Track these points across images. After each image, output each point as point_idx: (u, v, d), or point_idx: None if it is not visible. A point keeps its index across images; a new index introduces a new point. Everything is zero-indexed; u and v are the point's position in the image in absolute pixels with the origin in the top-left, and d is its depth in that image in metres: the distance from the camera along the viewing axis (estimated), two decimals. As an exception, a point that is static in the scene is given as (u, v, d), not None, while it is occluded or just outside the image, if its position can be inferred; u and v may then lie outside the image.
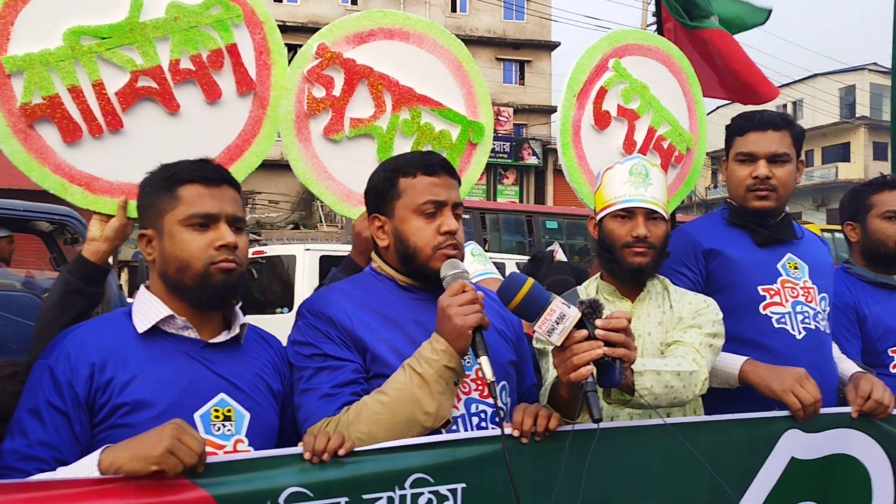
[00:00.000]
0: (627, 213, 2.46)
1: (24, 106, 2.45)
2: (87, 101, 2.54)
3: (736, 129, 2.80)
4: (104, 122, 2.57)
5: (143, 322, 1.87)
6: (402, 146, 2.95)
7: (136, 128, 2.61)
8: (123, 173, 2.56)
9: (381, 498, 1.76)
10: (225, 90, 2.73)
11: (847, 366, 2.75)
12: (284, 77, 2.83)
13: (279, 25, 2.90)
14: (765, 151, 2.71)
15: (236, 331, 1.96)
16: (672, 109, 3.55)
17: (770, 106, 3.99)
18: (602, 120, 3.39)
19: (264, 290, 10.80)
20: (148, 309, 1.88)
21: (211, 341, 1.92)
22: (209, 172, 1.94)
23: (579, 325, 1.79)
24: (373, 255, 2.22)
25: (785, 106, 42.16)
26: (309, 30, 32.54)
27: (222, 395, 1.87)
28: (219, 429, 1.83)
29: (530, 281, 1.84)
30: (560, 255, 4.65)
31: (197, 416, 1.81)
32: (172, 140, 2.63)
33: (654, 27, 4.26)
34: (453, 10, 35.40)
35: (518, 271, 2.00)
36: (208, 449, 1.68)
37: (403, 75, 2.98)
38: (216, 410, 1.84)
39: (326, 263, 9.72)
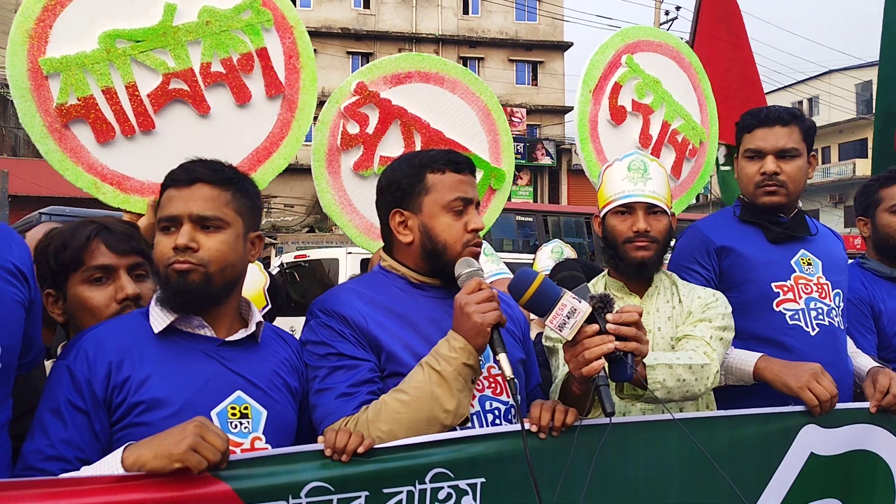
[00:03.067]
0: (627, 209, 2.47)
1: (60, 106, 2.53)
2: (121, 103, 2.62)
3: (744, 126, 2.81)
4: (136, 122, 2.64)
5: (158, 322, 1.87)
6: None
7: (167, 129, 2.69)
8: (154, 173, 2.61)
9: (401, 492, 1.78)
10: (254, 93, 2.80)
11: (863, 361, 2.75)
12: (314, 80, 2.90)
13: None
14: (772, 147, 2.71)
15: (252, 328, 1.96)
16: (684, 104, 3.63)
17: (786, 102, 4.05)
18: (618, 115, 3.48)
19: (306, 292, 10.90)
20: (163, 309, 1.89)
21: (227, 339, 1.91)
22: (183, 173, 1.91)
23: (590, 319, 1.81)
24: (382, 253, 2.22)
25: (801, 102, 41.83)
26: (322, 34, 32.66)
27: (239, 393, 1.87)
28: (236, 426, 1.83)
29: (541, 276, 1.85)
30: (567, 253, 4.68)
31: (214, 413, 1.81)
32: (202, 141, 2.69)
33: (667, 26, 4.34)
34: (465, 11, 35.39)
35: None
36: None
37: (434, 118, 3.11)
38: (233, 408, 1.84)
39: (368, 267, 9.89)
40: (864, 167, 37.63)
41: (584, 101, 3.42)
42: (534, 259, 4.84)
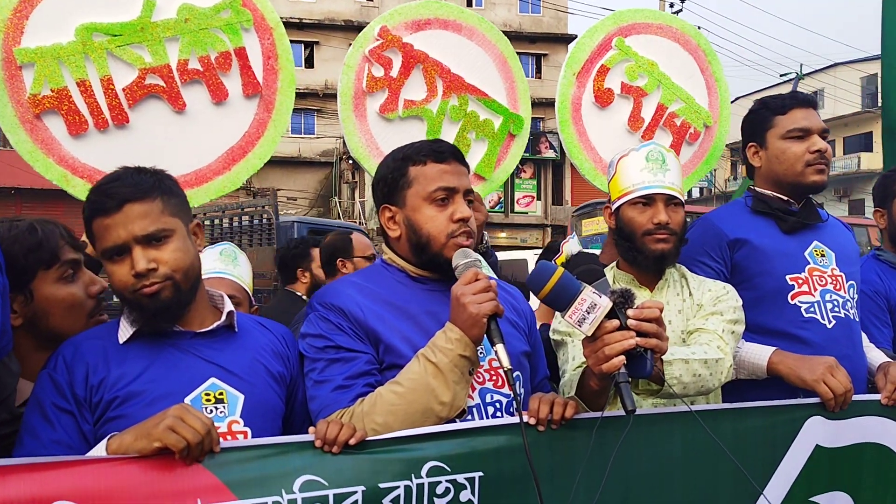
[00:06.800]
0: (647, 200, 2.42)
1: (33, 97, 2.53)
2: (95, 96, 2.61)
3: (775, 108, 2.75)
4: (110, 116, 2.64)
5: (124, 333, 1.90)
6: (450, 130, 3.13)
7: (141, 124, 2.68)
8: None
9: (398, 487, 1.75)
10: (231, 92, 2.81)
11: (876, 355, 2.72)
12: (292, 82, 2.92)
13: (296, 22, 2.98)
14: (817, 126, 2.68)
15: (223, 319, 1.97)
16: (686, 86, 3.59)
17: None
18: (603, 97, 3.47)
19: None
20: (128, 321, 1.92)
21: (199, 331, 1.94)
22: (108, 199, 1.85)
23: (610, 314, 1.77)
24: (383, 247, 2.20)
25: (806, 96, 41.56)
26: (325, 26, 32.60)
27: (213, 380, 1.88)
28: (211, 411, 1.84)
29: (560, 270, 1.81)
30: (569, 248, 4.61)
31: (187, 400, 1.83)
32: (177, 138, 2.72)
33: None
34: (469, 4, 35.26)
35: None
36: None
37: (454, 64, 3.19)
38: (207, 394, 1.86)
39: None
40: (868, 161, 37.51)
41: (566, 83, 3.45)
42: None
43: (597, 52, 3.46)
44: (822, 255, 2.67)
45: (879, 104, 4.53)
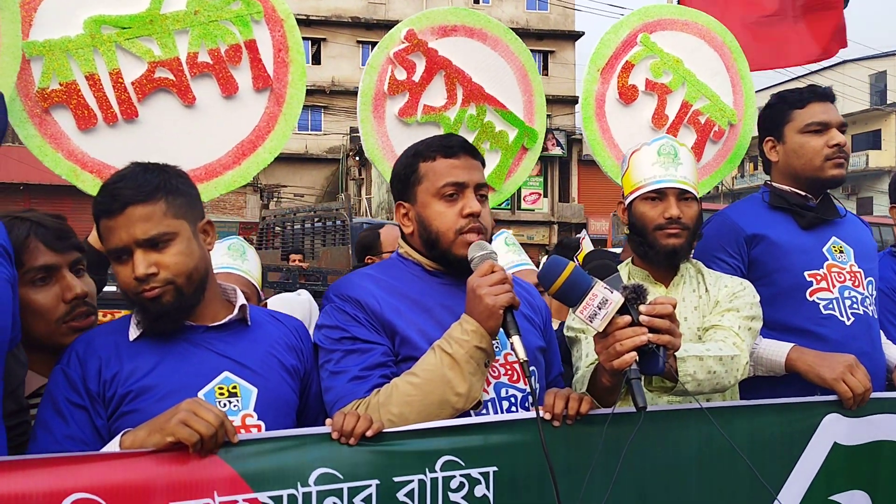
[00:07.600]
0: (658, 195, 2.38)
1: (41, 91, 2.51)
2: (104, 89, 2.59)
3: (793, 101, 2.72)
4: (119, 110, 2.61)
5: (134, 329, 1.89)
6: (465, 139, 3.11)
7: (150, 118, 2.66)
8: None
9: (412, 481, 1.74)
10: (241, 85, 2.78)
11: (893, 352, 2.70)
12: (303, 75, 2.89)
13: (302, 19, 2.95)
14: (836, 120, 2.66)
15: (235, 312, 1.96)
16: (711, 84, 3.56)
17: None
18: (627, 94, 3.45)
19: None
20: (136, 316, 1.91)
21: (212, 325, 1.93)
22: (110, 201, 1.84)
23: (622, 310, 1.74)
24: (399, 240, 2.20)
25: (814, 93, 41.31)
26: (332, 23, 32.60)
27: (226, 374, 1.88)
28: (224, 405, 1.84)
29: (571, 265, 1.79)
30: (587, 245, 4.61)
31: (200, 394, 1.82)
32: (186, 132, 2.69)
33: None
34: (476, 0, 35.26)
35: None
36: None
37: (476, 73, 3.22)
38: (220, 388, 1.85)
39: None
40: (877, 158, 37.34)
41: (590, 79, 3.43)
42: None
43: (622, 48, 3.43)
44: (841, 251, 2.64)
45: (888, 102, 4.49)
